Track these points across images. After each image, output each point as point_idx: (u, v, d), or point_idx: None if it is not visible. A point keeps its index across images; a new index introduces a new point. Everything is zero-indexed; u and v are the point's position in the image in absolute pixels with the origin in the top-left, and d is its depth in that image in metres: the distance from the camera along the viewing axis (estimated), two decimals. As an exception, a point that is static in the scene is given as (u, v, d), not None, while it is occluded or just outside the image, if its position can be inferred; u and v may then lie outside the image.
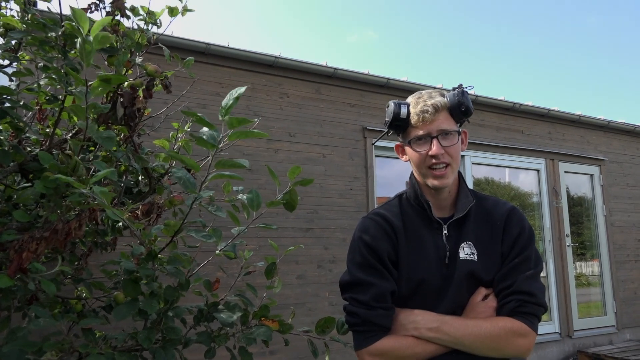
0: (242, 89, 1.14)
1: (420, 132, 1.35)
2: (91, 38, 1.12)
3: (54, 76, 1.55)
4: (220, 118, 1.14)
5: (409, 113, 1.37)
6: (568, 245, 6.22)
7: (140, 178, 2.16)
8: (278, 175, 1.54)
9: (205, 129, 1.11)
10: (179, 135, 2.26)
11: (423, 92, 1.40)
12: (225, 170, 1.19)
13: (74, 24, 1.15)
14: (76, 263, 2.18)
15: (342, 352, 4.17)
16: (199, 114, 1.12)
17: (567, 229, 6.28)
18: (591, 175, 6.74)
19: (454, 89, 1.39)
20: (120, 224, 1.71)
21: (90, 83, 1.21)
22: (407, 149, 1.41)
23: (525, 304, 1.28)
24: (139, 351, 1.56)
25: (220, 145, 1.16)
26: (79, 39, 1.12)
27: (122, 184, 2.01)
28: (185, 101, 4.06)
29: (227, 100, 1.15)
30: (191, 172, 2.33)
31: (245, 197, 1.46)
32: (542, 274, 5.90)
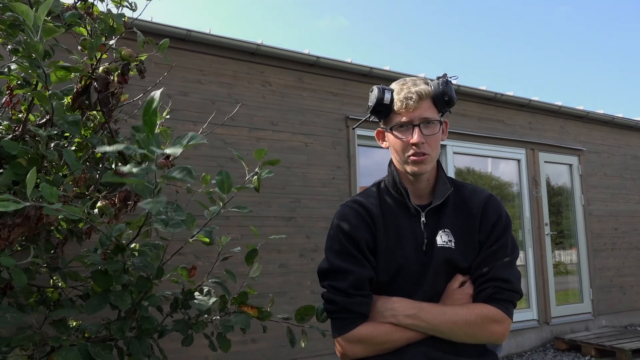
0: (157, 93, 0.94)
1: (403, 119, 1.34)
2: (39, 30, 1.07)
3: (25, 62, 1.51)
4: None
5: (392, 99, 1.36)
6: (547, 234, 6.32)
7: (114, 165, 2.12)
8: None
9: (141, 135, 0.98)
10: (158, 122, 2.22)
11: (407, 79, 1.39)
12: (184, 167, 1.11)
13: (17, 15, 1.10)
14: (52, 252, 2.14)
15: (321, 339, 4.19)
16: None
17: (546, 218, 6.38)
18: (570, 165, 6.84)
19: (438, 78, 1.38)
20: (96, 211, 1.67)
21: (49, 70, 1.17)
22: (388, 135, 1.41)
23: (501, 290, 1.29)
24: (113, 341, 1.54)
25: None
26: (27, 32, 1.08)
27: (99, 171, 1.97)
28: (164, 88, 3.99)
29: (146, 113, 0.94)
30: (170, 159, 2.30)
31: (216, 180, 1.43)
32: (521, 262, 5.92)
